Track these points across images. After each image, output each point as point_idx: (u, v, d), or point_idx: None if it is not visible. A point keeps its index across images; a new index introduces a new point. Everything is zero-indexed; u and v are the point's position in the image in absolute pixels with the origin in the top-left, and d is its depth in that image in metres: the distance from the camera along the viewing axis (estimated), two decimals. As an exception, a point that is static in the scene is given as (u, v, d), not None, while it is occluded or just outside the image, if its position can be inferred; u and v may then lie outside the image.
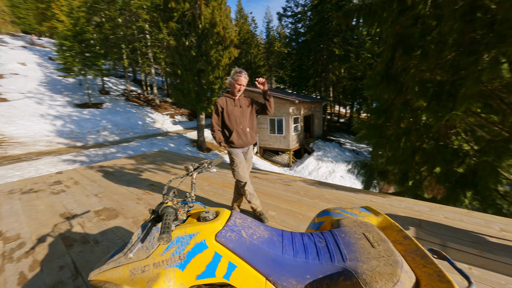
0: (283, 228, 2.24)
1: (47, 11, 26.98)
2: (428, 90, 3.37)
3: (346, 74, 22.59)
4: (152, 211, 0.89)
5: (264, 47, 37.99)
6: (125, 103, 19.38)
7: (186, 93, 12.30)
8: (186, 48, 11.74)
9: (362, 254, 0.82)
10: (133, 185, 3.67)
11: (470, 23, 3.37)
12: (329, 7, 20.03)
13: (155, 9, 16.43)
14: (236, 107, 2.24)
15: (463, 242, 1.96)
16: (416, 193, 4.02)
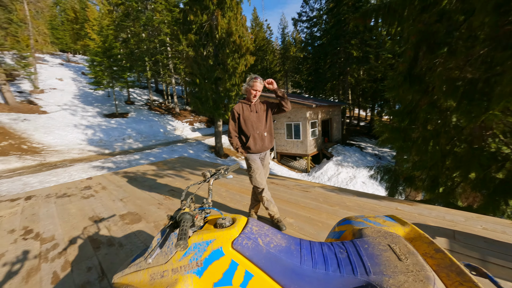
0: (302, 237, 2.18)
1: (81, 31, 29.80)
2: (458, 89, 3.13)
3: (365, 76, 21.86)
4: (170, 217, 0.91)
5: (279, 52, 38.21)
6: (148, 112, 20.49)
7: (204, 101, 12.70)
8: (204, 58, 12.19)
9: (387, 268, 0.76)
10: (154, 190, 3.82)
11: (504, 16, 3.10)
12: (345, 9, 19.70)
13: (175, 23, 17.40)
14: (252, 112, 2.26)
15: (507, 257, 1.74)
16: (449, 200, 3.70)
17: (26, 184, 7.48)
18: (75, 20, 32.13)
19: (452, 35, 3.72)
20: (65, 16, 33.02)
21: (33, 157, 10.56)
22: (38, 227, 2.72)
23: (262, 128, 2.28)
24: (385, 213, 2.56)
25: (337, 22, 20.35)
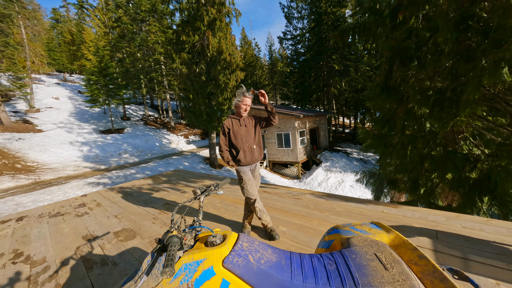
0: (295, 245, 2.13)
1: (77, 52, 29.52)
2: (430, 98, 3.26)
3: (347, 87, 22.59)
4: (159, 241, 0.86)
5: (268, 68, 39.11)
6: (143, 127, 20.17)
7: (198, 114, 12.68)
8: (197, 75, 12.28)
9: (375, 278, 0.74)
10: (149, 205, 3.69)
11: (464, 32, 3.32)
12: (325, 28, 20.60)
13: (168, 43, 17.58)
14: (241, 127, 2.28)
15: (486, 254, 1.76)
16: (430, 201, 3.76)
17: (19, 204, 7.06)
18: (72, 42, 31.89)
19: (421, 50, 3.92)
20: (62, 38, 32.73)
21: (27, 176, 10.05)
22: (29, 250, 2.53)
23: (251, 141, 2.29)
24: (372, 217, 2.56)
25: (318, 39, 21.18)
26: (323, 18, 20.67)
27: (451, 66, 3.48)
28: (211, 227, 1.63)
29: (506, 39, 2.66)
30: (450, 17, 3.37)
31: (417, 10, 3.84)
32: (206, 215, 3.02)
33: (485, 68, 2.66)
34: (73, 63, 33.04)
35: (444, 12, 3.34)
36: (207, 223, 2.75)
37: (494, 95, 3.43)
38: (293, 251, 2.05)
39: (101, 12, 22.31)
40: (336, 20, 20.51)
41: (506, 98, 3.37)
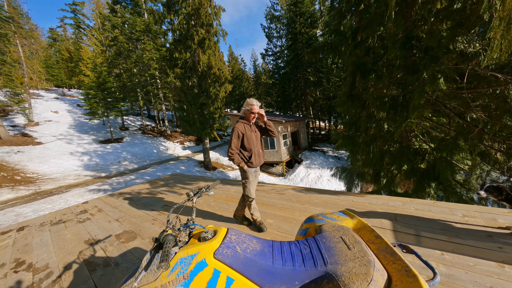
0: (280, 233, 2.17)
1: (75, 68, 27.96)
2: (386, 104, 3.48)
3: (321, 95, 23.34)
4: (155, 240, 0.86)
5: (253, 80, 39.43)
6: (142, 136, 19.43)
7: (192, 123, 12.47)
8: (190, 87, 12.12)
9: (340, 257, 0.80)
10: (149, 207, 3.56)
11: (409, 50, 3.60)
12: (300, 46, 21.23)
13: (163, 59, 17.19)
14: (252, 132, 2.25)
15: (433, 230, 1.91)
16: (391, 189, 3.98)
17: (19, 215, 6.48)
18: (70, 59, 30.11)
19: (377, 64, 4.19)
20: (60, 56, 30.80)
21: (27, 187, 9.26)
22: (30, 258, 2.35)
23: (259, 146, 2.30)
24: (344, 206, 2.68)
25: (295, 55, 21.76)
26: (298, 37, 21.31)
27: (401, 77, 3.75)
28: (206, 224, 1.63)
29: (440, 55, 2.93)
30: (398, 38, 3.64)
31: (373, 32, 4.11)
32: (201, 213, 2.98)
33: (426, 79, 2.91)
34: (72, 78, 31.20)
35: (393, 34, 3.60)
36: (202, 221, 2.72)
37: (435, 100, 3.74)
38: (279, 239, 2.09)
39: (97, 32, 21.36)
40: (309, 39, 21.23)
41: (444, 102, 3.69)
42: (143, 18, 19.15)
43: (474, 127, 3.17)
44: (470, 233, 1.81)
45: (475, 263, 1.47)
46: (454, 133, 3.34)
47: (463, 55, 3.10)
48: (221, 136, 25.97)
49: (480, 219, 2.02)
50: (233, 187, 4.14)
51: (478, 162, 3.37)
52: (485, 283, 1.30)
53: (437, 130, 4.30)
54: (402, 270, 0.71)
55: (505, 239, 1.69)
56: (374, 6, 4.13)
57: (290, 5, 21.40)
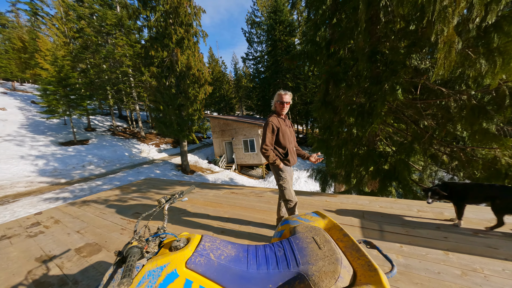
0: (259, 236, 2.17)
1: (30, 60, 24.44)
2: (354, 110, 3.78)
3: (299, 100, 24.34)
4: (118, 253, 0.78)
5: (233, 83, 39.34)
6: (111, 138, 17.77)
7: (168, 124, 11.86)
8: (167, 88, 11.55)
9: (312, 257, 0.83)
10: (117, 216, 3.25)
11: (374, 63, 3.98)
12: (280, 52, 21.96)
13: (137, 56, 16.10)
14: (287, 127, 1.99)
15: (394, 225, 2.11)
16: (360, 189, 4.31)
17: None
18: (23, 49, 26.18)
19: (347, 74, 4.53)
20: (10, 45, 26.59)
21: (-40, 198, 7.69)
22: (-40, 284, 1.94)
23: (294, 143, 2.03)
24: (319, 206, 2.80)
25: (275, 61, 22.40)
26: (278, 44, 22.02)
27: (367, 87, 4.11)
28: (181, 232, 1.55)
29: (399, 69, 3.30)
30: (365, 51, 4.01)
31: (344, 44, 4.46)
32: (177, 220, 2.83)
33: (387, 89, 3.24)
34: (25, 71, 27.15)
35: (361, 47, 3.95)
36: (178, 228, 2.58)
37: (396, 108, 4.19)
38: (257, 242, 2.09)
39: (60, 21, 19.08)
40: (288, 47, 22.09)
41: (403, 110, 4.15)
42: (115, 11, 17.74)
43: (425, 133, 3.63)
44: (423, 226, 2.05)
45: (426, 252, 1.67)
46: (411, 138, 3.77)
47: (417, 70, 3.54)
48: (200, 138, 25.19)
49: (430, 213, 2.31)
50: (211, 191, 4.02)
51: (429, 163, 3.87)
52: (434, 269, 1.48)
53: (398, 135, 4.82)
54: (365, 265, 0.76)
55: (449, 230, 1.95)
56: (345, 21, 4.49)
57: (270, 12, 22.05)
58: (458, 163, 3.54)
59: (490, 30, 2.48)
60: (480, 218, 2.11)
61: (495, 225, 1.83)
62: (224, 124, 16.71)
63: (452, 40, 2.33)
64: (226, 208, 3.04)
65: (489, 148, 3.08)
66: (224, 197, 3.60)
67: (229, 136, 16.52)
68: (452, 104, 3.33)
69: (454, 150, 3.59)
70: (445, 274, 1.43)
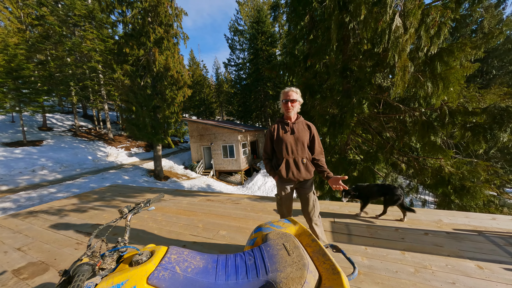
0: (233, 245, 2.12)
1: (-30, 45, 20.72)
2: (327, 121, 4.05)
3: (279, 108, 25.14)
4: (64, 272, 0.69)
5: (215, 87, 38.96)
6: (72, 139, 15.84)
7: (142, 127, 11.09)
8: (141, 88, 10.88)
9: (281, 264, 0.84)
10: (72, 228, 2.86)
11: (345, 78, 4.36)
12: (261, 61, 22.63)
13: (109, 52, 14.93)
14: (288, 133, 1.70)
15: (360, 229, 2.27)
16: (332, 195, 4.55)
17: None
18: (-38, 31, 22.16)
19: (322, 87, 4.87)
20: None
21: None
22: None
23: (299, 152, 1.68)
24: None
25: (256, 69, 22.96)
26: (259, 53, 22.69)
27: (339, 100, 4.47)
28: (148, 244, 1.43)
29: (365, 86, 3.67)
30: (338, 67, 4.37)
31: (320, 59, 4.80)
32: (143, 231, 2.61)
33: (355, 103, 3.57)
34: (-38, 57, 22.86)
35: (333, 64, 4.30)
36: (145, 240, 2.37)
37: (363, 120, 4.61)
38: (232, 251, 2.03)
39: (14, 5, 16.78)
40: (269, 56, 22.92)
41: (369, 123, 4.59)
42: (86, 2, 16.35)
43: (387, 143, 4.05)
44: (385, 229, 2.25)
45: (387, 253, 1.82)
46: (376, 148, 4.17)
47: (380, 88, 3.99)
48: (176, 142, 24.03)
49: (391, 216, 2.55)
50: (185, 199, 3.83)
51: (390, 171, 4.30)
52: (392, 269, 1.62)
53: (366, 144, 5.28)
54: (330, 269, 0.80)
55: (405, 231, 2.18)
56: (321, 38, 4.87)
57: (253, 22, 22.75)
58: (413, 171, 4.01)
59: (434, 59, 2.94)
60: (430, 220, 2.41)
61: (381, 213, 2.48)
62: (203, 129, 16.29)
63: (406, 64, 2.70)
64: (201, 217, 2.92)
65: (436, 158, 3.57)
66: (199, 204, 3.46)
67: (208, 141, 16.11)
68: (408, 119, 3.81)
69: (410, 159, 4.08)
70: (402, 272, 1.58)
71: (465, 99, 3.39)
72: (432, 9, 3.05)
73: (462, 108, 3.28)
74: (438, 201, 3.90)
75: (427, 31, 2.90)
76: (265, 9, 22.89)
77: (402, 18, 2.77)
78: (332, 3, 3.49)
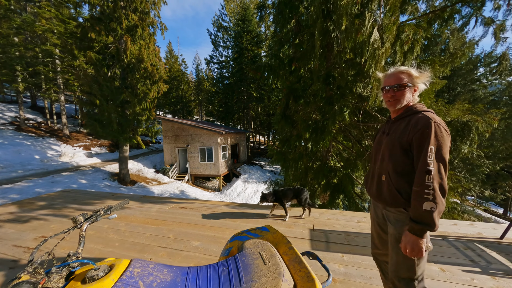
0: (207, 257, 2.06)
1: None
2: (310, 127, 4.24)
3: (262, 111, 25.52)
4: None
5: (194, 84, 38.02)
6: (13, 134, 13.93)
7: (106, 123, 10.27)
8: (108, 79, 10.12)
9: (256, 274, 0.84)
10: (8, 242, 2.48)
11: (328, 85, 4.64)
12: (246, 60, 22.84)
13: (70, 35, 13.64)
14: (383, 135, 1.23)
15: (338, 236, 2.39)
16: (313, 201, 4.72)
17: None
18: None
19: (306, 92, 5.09)
20: None
21: None
22: None
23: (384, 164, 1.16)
24: (273, 220, 2.91)
25: (240, 68, 23.07)
26: (244, 52, 22.90)
27: (322, 106, 4.72)
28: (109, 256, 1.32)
29: (347, 94, 3.95)
30: (321, 74, 4.63)
31: (304, 64, 5.03)
32: (102, 243, 2.39)
33: (337, 110, 3.81)
34: None
35: (317, 69, 4.55)
36: (103, 253, 2.17)
37: (344, 128, 4.92)
38: (205, 263, 1.97)
39: None
40: (254, 57, 23.27)
41: (350, 130, 4.91)
42: (43, -24, 14.83)
43: (366, 151, 4.38)
44: (361, 236, 2.41)
45: (362, 260, 1.95)
46: (355, 155, 4.48)
47: (361, 97, 4.33)
48: (147, 142, 22.71)
49: (367, 223, 2.74)
50: (154, 206, 3.62)
51: (368, 178, 4.65)
52: (367, 275, 1.74)
53: (346, 152, 5.63)
54: (305, 277, 0.83)
55: (380, 237, 2.36)
56: (306, 43, 5.13)
57: (239, 20, 22.97)
58: (388, 179, 4.40)
59: (409, 73, 3.32)
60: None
61: (302, 213, 2.98)
62: (179, 129, 15.69)
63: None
64: (172, 226, 2.78)
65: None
66: (170, 212, 3.30)
67: (183, 143, 15.55)
68: (384, 128, 4.18)
69: (386, 167, 4.46)
70: (375, 278, 1.70)
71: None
72: (406, 27, 3.45)
73: (431, 120, 3.73)
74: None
75: (401, 47, 3.26)
76: (251, 8, 23.32)
77: (380, 32, 3.08)
78: (317, 11, 3.73)
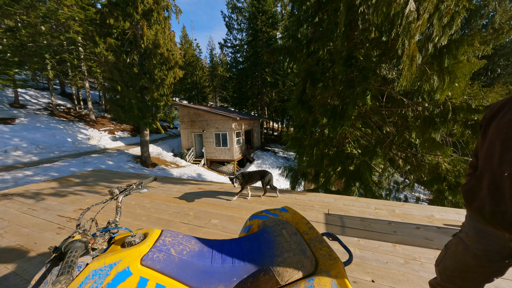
0: (225, 234, 2.18)
1: None
2: (328, 112, 4.08)
3: (276, 97, 24.93)
4: (54, 249, 0.69)
5: (208, 70, 37.77)
6: (48, 118, 15.17)
7: (127, 109, 10.74)
8: (127, 65, 10.38)
9: (278, 249, 0.87)
10: (53, 212, 2.82)
11: (349, 67, 4.34)
12: (260, 44, 21.96)
13: (90, 22, 13.96)
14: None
15: (354, 222, 2.38)
16: (327, 187, 4.69)
17: None
18: None
19: (325, 75, 4.83)
20: None
21: None
22: None
23: None
24: (288, 203, 2.96)
25: (254, 52, 22.31)
26: (259, 35, 21.95)
27: (341, 90, 4.47)
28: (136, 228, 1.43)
29: (370, 76, 3.68)
30: (342, 55, 4.32)
31: (324, 44, 4.71)
32: (132, 216, 2.62)
33: (358, 94, 3.59)
34: None
35: (339, 50, 4.25)
36: (133, 224, 2.39)
37: (364, 113, 4.66)
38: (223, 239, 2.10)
39: (-25, -43, 15.07)
40: (269, 39, 22.25)
41: (370, 116, 4.65)
42: (62, -39, 14.93)
43: (387, 138, 4.16)
44: (378, 222, 2.37)
45: (379, 245, 1.93)
46: (375, 142, 4.27)
47: (385, 80, 4.00)
48: (165, 128, 23.57)
49: (385, 210, 2.68)
50: (175, 186, 3.84)
51: (387, 166, 4.46)
52: (383, 260, 1.73)
53: (364, 139, 5.39)
54: (327, 255, 0.85)
55: (398, 225, 2.30)
56: (327, 22, 4.75)
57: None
58: (410, 167, 4.18)
59: (443, 51, 2.96)
60: (422, 215, 2.55)
61: (263, 193, 3.21)
62: (194, 114, 15.99)
63: (414, 54, 2.71)
64: (192, 205, 2.95)
65: (434, 155, 3.72)
66: (189, 192, 3.48)
67: (199, 128, 15.90)
68: (410, 113, 3.89)
69: (408, 155, 4.22)
70: (392, 263, 1.69)
71: (469, 96, 3.49)
72: (447, -3, 3.01)
73: (466, 105, 3.38)
74: (431, 198, 4.12)
75: (440, 19, 2.88)
76: (267, -15, 21.81)
77: (416, 3, 2.73)
78: (342, -17, 3.37)
